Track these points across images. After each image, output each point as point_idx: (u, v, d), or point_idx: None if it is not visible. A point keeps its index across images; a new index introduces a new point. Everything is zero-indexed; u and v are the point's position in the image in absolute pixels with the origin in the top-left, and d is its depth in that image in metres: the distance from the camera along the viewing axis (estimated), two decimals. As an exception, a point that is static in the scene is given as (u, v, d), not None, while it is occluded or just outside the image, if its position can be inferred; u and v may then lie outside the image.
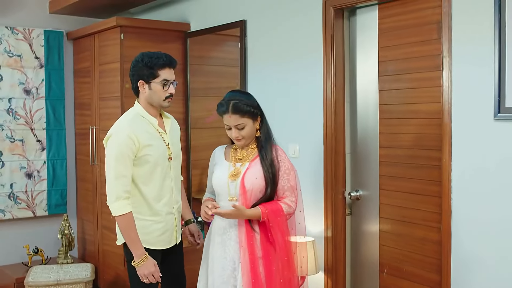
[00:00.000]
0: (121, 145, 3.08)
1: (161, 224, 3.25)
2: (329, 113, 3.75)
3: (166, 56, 3.19)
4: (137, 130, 3.12)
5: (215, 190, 3.18)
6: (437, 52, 3.14)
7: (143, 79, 3.17)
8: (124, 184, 3.07)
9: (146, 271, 3.12)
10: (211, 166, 3.26)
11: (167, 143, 3.25)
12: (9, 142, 5.19)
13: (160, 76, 3.14)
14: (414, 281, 3.34)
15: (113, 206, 3.08)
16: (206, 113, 4.94)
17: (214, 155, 3.26)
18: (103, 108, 5.01)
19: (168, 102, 3.20)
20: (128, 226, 3.09)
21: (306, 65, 3.91)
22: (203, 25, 4.84)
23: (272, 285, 2.98)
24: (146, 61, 3.15)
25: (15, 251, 5.26)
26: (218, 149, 3.28)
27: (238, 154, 3.15)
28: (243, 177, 3.04)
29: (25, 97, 5.25)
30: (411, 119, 3.33)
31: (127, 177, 3.09)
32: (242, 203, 3.03)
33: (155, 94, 3.16)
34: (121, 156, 3.07)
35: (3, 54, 5.14)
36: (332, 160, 3.75)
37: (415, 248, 3.33)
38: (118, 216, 3.08)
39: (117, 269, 4.86)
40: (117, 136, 3.11)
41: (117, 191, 3.07)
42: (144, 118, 3.20)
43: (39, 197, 5.34)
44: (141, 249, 3.12)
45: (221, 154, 3.22)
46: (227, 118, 3.04)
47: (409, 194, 3.35)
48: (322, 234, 3.82)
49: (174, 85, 3.20)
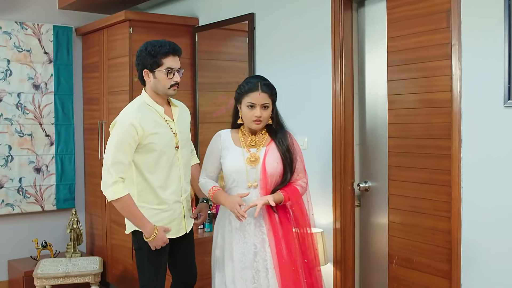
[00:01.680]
0: (123, 132, 3.07)
1: (168, 213, 3.25)
2: (338, 105, 3.75)
3: (169, 44, 3.18)
4: (142, 118, 3.12)
5: (230, 176, 3.12)
6: (446, 41, 3.13)
7: (147, 68, 3.17)
8: (120, 170, 3.06)
9: (160, 242, 3.17)
10: (216, 150, 3.18)
11: (174, 131, 3.24)
12: (18, 137, 5.21)
13: (164, 64, 3.14)
14: (423, 271, 3.32)
15: (108, 190, 3.07)
16: (214, 108, 4.94)
17: (220, 139, 3.19)
18: (112, 103, 5.03)
19: (173, 90, 3.19)
20: (128, 208, 3.09)
21: (315, 57, 3.91)
22: (212, 19, 4.85)
23: (297, 263, 3.03)
24: (149, 50, 3.16)
25: (24, 245, 5.28)
26: (223, 133, 3.21)
27: (249, 139, 3.14)
28: (264, 163, 3.06)
29: (34, 92, 5.28)
30: (420, 109, 3.32)
31: (124, 164, 3.08)
32: (263, 188, 3.05)
33: (159, 83, 3.16)
34: (121, 143, 3.06)
35: (13, 49, 5.17)
36: (341, 151, 3.75)
37: (424, 238, 3.31)
38: (115, 200, 3.07)
39: (125, 263, 4.86)
40: (121, 123, 3.11)
41: (112, 176, 3.05)
42: (150, 106, 3.20)
43: (47, 191, 5.36)
44: (148, 224, 3.13)
45: (228, 139, 3.17)
46: (256, 96, 3.03)
47: (418, 184, 3.34)
48: (331, 225, 3.81)
49: (179, 73, 3.20)
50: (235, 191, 3.10)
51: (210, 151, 3.20)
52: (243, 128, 3.18)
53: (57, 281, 4.45)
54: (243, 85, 3.08)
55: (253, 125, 3.08)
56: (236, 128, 3.20)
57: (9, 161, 5.17)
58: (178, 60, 3.20)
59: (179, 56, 3.21)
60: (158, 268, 3.27)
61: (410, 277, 3.39)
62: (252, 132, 3.14)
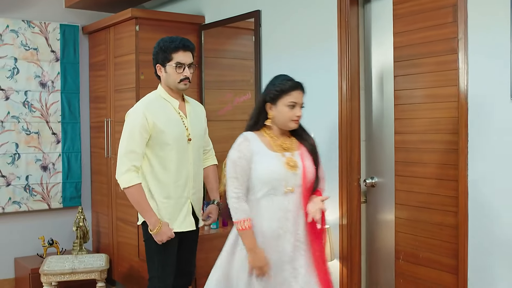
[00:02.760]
0: (135, 122, 3.18)
1: (174, 207, 3.29)
2: (344, 101, 3.74)
3: (181, 39, 3.27)
4: (154, 111, 3.21)
5: (267, 183, 2.88)
6: (452, 35, 3.12)
7: (159, 63, 3.28)
8: (133, 159, 3.15)
9: (165, 237, 3.21)
10: (247, 155, 2.88)
11: (187, 126, 3.30)
12: (25, 135, 5.23)
13: (173, 59, 3.23)
14: (430, 267, 3.31)
15: (121, 178, 3.16)
16: (220, 106, 4.94)
17: (249, 144, 2.90)
18: (118, 100, 5.04)
19: (184, 84, 3.26)
20: (138, 197, 3.17)
21: (321, 53, 3.91)
22: (218, 17, 4.85)
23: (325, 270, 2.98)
24: (161, 45, 3.27)
25: (31, 243, 5.29)
26: (250, 137, 2.94)
27: (280, 142, 2.96)
28: (304, 167, 2.95)
29: (41, 90, 5.30)
30: (426, 104, 3.31)
31: (137, 153, 3.16)
32: (301, 193, 2.94)
33: (170, 77, 3.25)
34: (133, 132, 3.16)
35: (20, 47, 5.19)
36: (347, 147, 3.75)
37: (431, 233, 3.30)
38: (127, 188, 3.16)
39: (131, 261, 4.87)
40: (134, 114, 3.22)
41: (125, 164, 3.15)
42: (165, 100, 3.29)
43: (54, 189, 5.37)
44: (154, 217, 3.19)
45: (258, 142, 2.93)
46: (298, 95, 2.92)
47: (425, 179, 3.33)
48: (337, 221, 3.81)
49: (190, 68, 3.26)
50: (270, 199, 2.89)
51: (239, 157, 2.87)
52: (267, 131, 2.97)
53: (64, 278, 4.45)
54: (282, 84, 2.89)
55: (291, 125, 2.94)
56: (256, 130, 2.98)
57: (16, 159, 5.19)
58: (190, 56, 3.28)
59: (191, 52, 3.29)
60: (166, 260, 3.31)
61: (417, 273, 3.38)
62: (281, 134, 2.97)
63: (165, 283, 3.31)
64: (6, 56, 5.13)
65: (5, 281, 5.21)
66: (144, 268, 4.60)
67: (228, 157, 2.92)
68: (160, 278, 3.31)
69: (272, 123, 2.95)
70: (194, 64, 3.31)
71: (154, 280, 3.34)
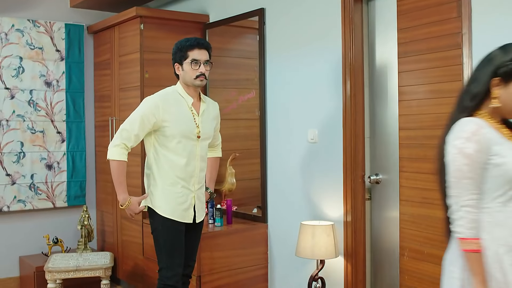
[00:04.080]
0: (144, 109, 3.34)
1: (176, 195, 3.40)
2: (348, 97, 3.74)
3: (196, 39, 3.45)
4: (168, 103, 3.37)
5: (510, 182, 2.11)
6: (457, 30, 3.12)
7: (177, 62, 3.45)
8: (126, 138, 3.33)
9: (132, 212, 3.44)
10: (484, 149, 2.10)
11: (197, 123, 3.42)
12: (30, 133, 5.25)
13: (189, 56, 3.39)
14: (435, 263, 3.30)
15: (111, 150, 3.35)
16: (225, 104, 4.94)
17: (485, 131, 2.11)
18: (123, 99, 5.05)
19: (200, 80, 3.40)
20: (119, 171, 3.35)
21: (325, 50, 3.91)
22: (222, 16, 4.86)
23: None
24: (178, 45, 3.45)
25: (36, 241, 5.31)
26: (482, 123, 2.14)
27: (504, 131, 2.20)
28: None
29: (46, 89, 5.32)
30: (431, 99, 3.31)
31: (135, 135, 3.33)
32: None
33: (186, 74, 3.40)
34: (140, 117, 3.32)
35: (25, 46, 5.21)
36: (351, 144, 3.74)
37: (436, 229, 3.29)
38: (112, 160, 3.34)
39: (136, 259, 4.87)
40: (148, 101, 3.39)
41: (117, 140, 3.33)
42: (181, 95, 3.44)
43: (58, 188, 5.39)
44: (124, 194, 3.40)
45: (492, 130, 2.14)
46: None
47: (429, 175, 3.31)
48: (342, 218, 3.80)
49: (207, 65, 3.42)
50: (510, 206, 2.14)
51: (478, 150, 2.09)
52: (487, 116, 2.18)
53: (68, 275, 4.46)
54: None
55: None
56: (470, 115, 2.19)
57: (21, 157, 5.20)
58: (206, 54, 3.44)
59: (206, 50, 3.45)
60: (173, 250, 3.38)
61: (422, 269, 3.38)
62: (500, 121, 2.22)
63: (174, 271, 3.39)
64: (12, 55, 5.15)
65: (10, 279, 5.23)
66: (149, 266, 4.62)
67: (455, 152, 2.12)
68: (169, 267, 3.39)
69: (500, 106, 2.17)
70: (210, 62, 3.46)
71: (164, 270, 3.41)
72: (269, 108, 4.41)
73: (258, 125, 4.51)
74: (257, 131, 4.53)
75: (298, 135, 4.13)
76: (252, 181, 4.64)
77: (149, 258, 4.62)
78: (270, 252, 4.44)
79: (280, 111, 4.31)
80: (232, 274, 4.29)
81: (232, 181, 4.77)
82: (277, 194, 4.37)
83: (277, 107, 4.34)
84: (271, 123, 4.39)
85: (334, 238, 3.69)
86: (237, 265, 4.31)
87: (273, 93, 4.37)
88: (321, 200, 3.96)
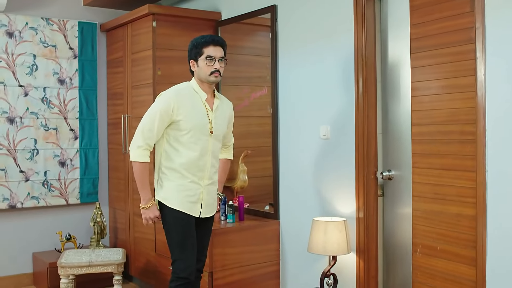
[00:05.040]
0: (160, 105, 3.37)
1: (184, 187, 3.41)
2: (360, 94, 3.74)
3: (210, 36, 3.49)
4: (182, 98, 3.40)
5: None
6: (470, 25, 3.11)
7: (192, 59, 3.48)
8: (148, 137, 3.36)
9: (151, 215, 3.43)
10: None
11: (210, 119, 3.45)
12: (43, 131, 5.28)
13: (204, 53, 3.42)
14: (448, 259, 3.28)
15: (133, 152, 3.38)
16: (237, 102, 4.94)
17: None
18: (136, 96, 5.07)
19: (215, 77, 3.43)
20: (141, 172, 3.39)
21: (337, 46, 3.91)
22: (234, 14, 4.87)
23: None
24: (194, 42, 3.48)
25: (49, 238, 5.34)
26: None
27: None
28: None
29: (59, 87, 5.35)
30: (444, 94, 3.29)
31: (153, 133, 3.36)
32: None
33: (201, 70, 3.43)
34: (158, 113, 3.35)
35: (39, 44, 5.25)
36: (363, 140, 3.74)
37: (449, 225, 3.28)
38: (135, 161, 3.38)
39: (148, 255, 4.89)
40: (163, 97, 3.42)
41: (140, 141, 3.36)
42: (195, 91, 3.46)
43: (71, 185, 5.42)
44: (149, 195, 3.41)
45: None
46: None
47: (442, 170, 3.31)
48: (354, 214, 3.79)
49: (221, 61, 3.44)
50: None
51: None
52: None
53: (81, 270, 4.48)
54: None
55: None
56: None
57: (34, 154, 5.24)
58: (221, 50, 3.46)
59: (221, 47, 3.47)
60: (185, 242, 3.40)
61: (435, 266, 3.36)
62: None
63: (187, 263, 3.40)
64: (25, 53, 5.19)
65: (24, 275, 5.26)
66: (161, 262, 4.63)
67: None
68: (182, 259, 3.40)
69: None
70: (225, 59, 3.48)
71: (177, 262, 3.43)
72: (281, 105, 4.41)
73: (270, 123, 4.51)
74: (269, 128, 4.53)
75: (310, 132, 4.13)
76: (264, 179, 4.64)
77: (162, 255, 4.63)
78: (282, 248, 4.44)
79: (292, 108, 4.31)
80: (244, 270, 4.29)
81: (244, 178, 4.78)
82: (289, 191, 4.37)
83: (289, 104, 4.34)
84: (283, 120, 4.40)
85: (346, 234, 3.68)
86: (249, 261, 4.32)
87: (285, 90, 4.37)
88: (333, 196, 3.96)
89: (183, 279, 3.39)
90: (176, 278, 3.41)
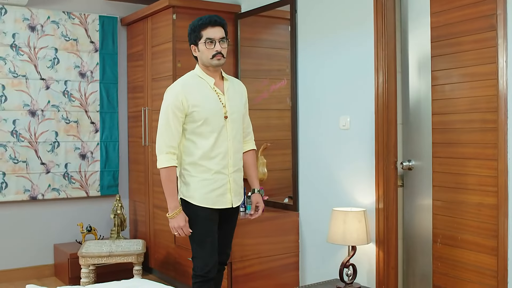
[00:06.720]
0: (169, 102, 3.27)
1: (210, 181, 3.30)
2: (380, 84, 3.72)
3: (208, 16, 3.29)
4: (189, 89, 3.27)
5: None
6: (491, 12, 3.08)
7: (192, 43, 3.34)
8: (169, 139, 3.25)
9: (176, 225, 3.28)
10: None
11: (224, 103, 3.32)
12: (64, 123, 5.34)
13: (203, 36, 3.26)
14: (469, 249, 3.26)
15: (159, 158, 3.27)
16: (256, 94, 4.96)
17: None
18: (156, 89, 5.10)
19: (217, 59, 3.27)
20: (168, 179, 3.26)
21: (357, 36, 3.90)
22: (254, 6, 4.87)
23: None
24: (191, 26, 3.34)
25: (69, 229, 5.39)
26: None
27: None
28: None
29: (80, 80, 5.40)
30: (464, 83, 3.27)
31: (171, 132, 3.24)
32: None
33: (203, 54, 3.29)
34: (170, 110, 3.25)
35: (60, 38, 5.30)
36: (383, 130, 3.72)
37: (470, 214, 3.25)
38: (161, 168, 3.26)
39: (168, 248, 4.91)
40: (168, 93, 3.32)
41: (163, 145, 3.26)
42: (201, 78, 3.33)
43: (92, 177, 5.46)
44: (175, 202, 3.28)
45: None
46: None
47: (463, 159, 3.28)
48: (374, 205, 3.78)
49: (223, 43, 3.27)
50: None
51: None
52: None
53: (101, 260, 4.52)
54: None
55: None
56: None
57: (55, 147, 5.30)
58: (220, 31, 3.28)
59: (221, 26, 3.28)
60: (204, 241, 3.32)
61: (455, 256, 3.33)
62: None
63: (204, 262, 3.31)
64: (47, 47, 5.25)
65: (45, 266, 5.32)
66: (181, 254, 4.65)
67: None
68: (200, 258, 3.33)
69: None
70: (227, 38, 3.30)
71: (195, 260, 3.37)
72: (301, 97, 4.40)
73: (290, 116, 4.50)
74: (288, 121, 4.52)
75: (330, 123, 4.11)
76: (284, 172, 4.64)
77: (181, 246, 4.65)
78: (301, 240, 4.43)
79: (311, 100, 4.30)
80: (263, 261, 4.30)
81: (264, 171, 4.77)
82: (308, 183, 4.36)
83: (309, 96, 4.33)
84: (303, 112, 4.39)
85: (365, 224, 3.66)
86: (268, 252, 4.32)
87: (305, 82, 4.36)
88: (353, 187, 3.94)
89: (201, 276, 3.32)
90: (195, 275, 3.36)
